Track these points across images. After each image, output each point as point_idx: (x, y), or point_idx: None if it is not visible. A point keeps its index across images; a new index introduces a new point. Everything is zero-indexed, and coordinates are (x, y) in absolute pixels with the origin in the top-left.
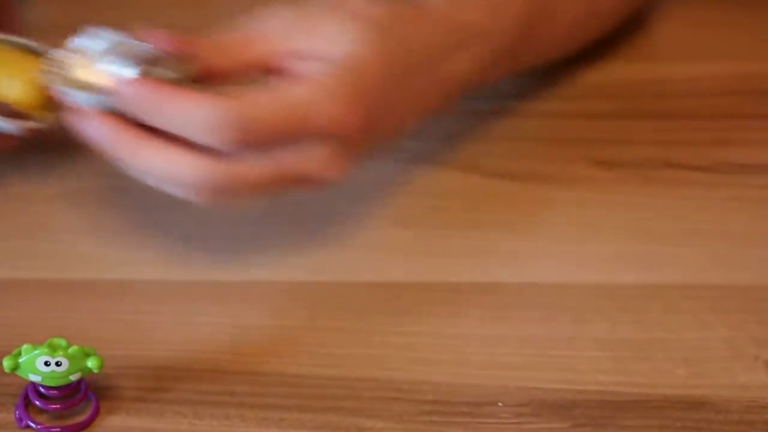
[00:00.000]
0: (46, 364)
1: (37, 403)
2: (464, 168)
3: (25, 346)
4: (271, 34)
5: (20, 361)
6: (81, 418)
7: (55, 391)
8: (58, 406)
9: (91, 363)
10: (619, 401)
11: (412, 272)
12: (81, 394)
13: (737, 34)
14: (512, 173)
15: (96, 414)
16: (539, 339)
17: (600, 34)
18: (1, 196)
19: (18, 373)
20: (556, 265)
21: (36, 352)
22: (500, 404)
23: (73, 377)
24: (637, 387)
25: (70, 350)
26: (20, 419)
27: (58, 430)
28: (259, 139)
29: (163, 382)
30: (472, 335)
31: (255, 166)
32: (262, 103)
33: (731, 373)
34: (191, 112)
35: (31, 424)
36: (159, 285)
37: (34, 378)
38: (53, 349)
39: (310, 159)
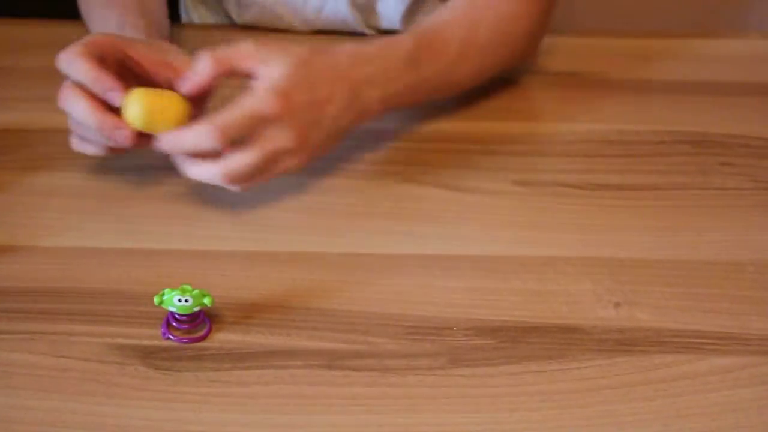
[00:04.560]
0: (179, 300)
1: (174, 324)
2: (433, 184)
3: (166, 290)
4: (243, 51)
5: (164, 298)
6: (200, 334)
7: (184, 317)
8: (186, 326)
9: (207, 300)
10: (526, 327)
11: (400, 247)
12: (200, 320)
13: (586, 104)
14: (460, 187)
15: (209, 331)
16: (478, 289)
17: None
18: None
19: (162, 305)
20: (489, 244)
21: (173, 293)
22: (454, 329)
23: (196, 309)
24: (537, 319)
25: (194, 292)
26: (164, 333)
27: (187, 340)
28: (235, 132)
29: (249, 312)
30: (437, 286)
31: (245, 156)
32: (230, 113)
33: (594, 310)
34: (195, 135)
35: (171, 337)
36: (243, 255)
37: (172, 309)
38: (183, 291)
39: (273, 137)
